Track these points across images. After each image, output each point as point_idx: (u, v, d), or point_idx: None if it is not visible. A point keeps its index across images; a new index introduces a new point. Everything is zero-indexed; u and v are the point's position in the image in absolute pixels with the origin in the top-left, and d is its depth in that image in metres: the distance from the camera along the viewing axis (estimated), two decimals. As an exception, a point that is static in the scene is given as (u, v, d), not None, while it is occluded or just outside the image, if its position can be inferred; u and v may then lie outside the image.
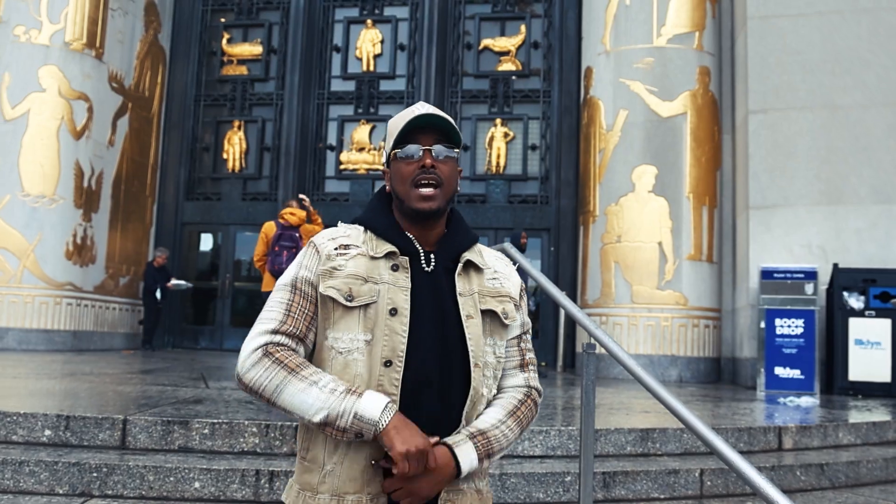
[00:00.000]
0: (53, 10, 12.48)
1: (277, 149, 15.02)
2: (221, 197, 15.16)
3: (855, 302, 9.42)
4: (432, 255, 1.83)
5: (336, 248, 1.80)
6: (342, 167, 14.98)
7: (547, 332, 13.47)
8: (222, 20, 15.69)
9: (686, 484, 4.50)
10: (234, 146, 15.20)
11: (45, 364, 9.10)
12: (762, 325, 9.65)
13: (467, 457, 1.68)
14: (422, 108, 1.83)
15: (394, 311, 1.73)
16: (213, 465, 4.07)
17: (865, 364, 9.30)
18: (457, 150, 1.86)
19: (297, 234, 8.88)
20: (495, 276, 1.89)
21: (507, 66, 14.80)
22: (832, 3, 10.42)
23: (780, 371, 9.53)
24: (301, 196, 9.07)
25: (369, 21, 15.20)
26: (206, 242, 15.67)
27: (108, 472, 4.01)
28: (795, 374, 9.47)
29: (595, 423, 5.11)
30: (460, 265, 1.83)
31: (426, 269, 1.81)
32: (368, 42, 15.21)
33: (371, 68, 15.16)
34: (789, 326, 9.55)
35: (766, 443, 5.28)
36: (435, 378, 1.74)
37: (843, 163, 10.13)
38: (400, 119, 1.83)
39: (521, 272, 4.06)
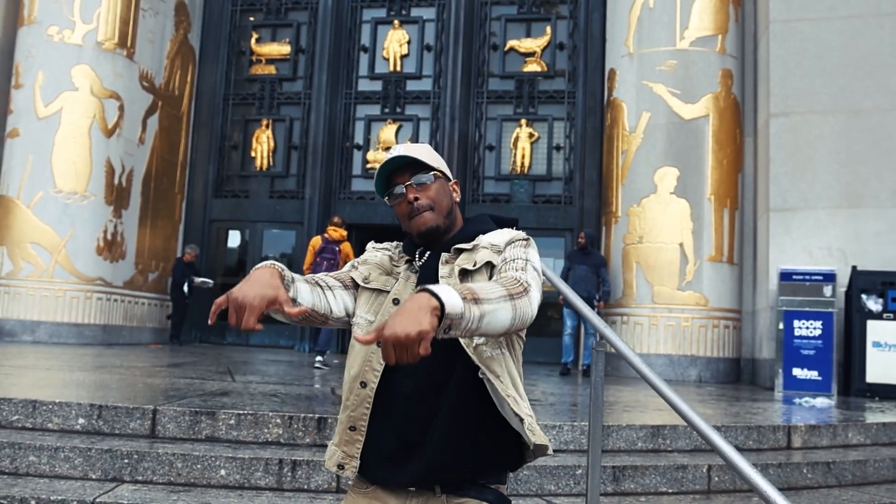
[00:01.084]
0: (86, 11, 12.76)
1: (305, 147, 15.23)
2: (249, 194, 15.40)
3: (873, 304, 9.47)
4: (427, 253, 2.12)
5: (376, 247, 2.24)
6: (369, 166, 15.16)
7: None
8: (251, 19, 15.93)
9: (694, 479, 4.63)
10: (262, 144, 15.43)
11: (76, 357, 9.36)
12: (780, 326, 9.73)
13: (446, 292, 1.63)
14: (393, 152, 2.13)
15: (396, 301, 2.05)
16: (238, 454, 4.26)
17: (883, 366, 9.35)
18: (435, 172, 2.12)
19: (338, 249, 9.93)
20: (482, 244, 2.08)
21: (532, 67, 14.92)
22: (854, 7, 10.46)
23: (797, 372, 9.60)
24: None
25: (396, 22, 15.37)
26: (234, 239, 15.94)
27: (138, 458, 4.21)
28: (813, 375, 9.54)
29: (607, 419, 5.27)
30: (445, 254, 2.09)
31: (418, 263, 2.12)
32: (395, 42, 15.37)
33: (398, 68, 15.33)
34: (807, 328, 9.62)
35: (776, 441, 5.40)
36: None
37: (864, 166, 10.18)
38: (380, 169, 2.13)
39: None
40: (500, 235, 2.09)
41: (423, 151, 2.13)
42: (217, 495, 4.04)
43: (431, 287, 1.64)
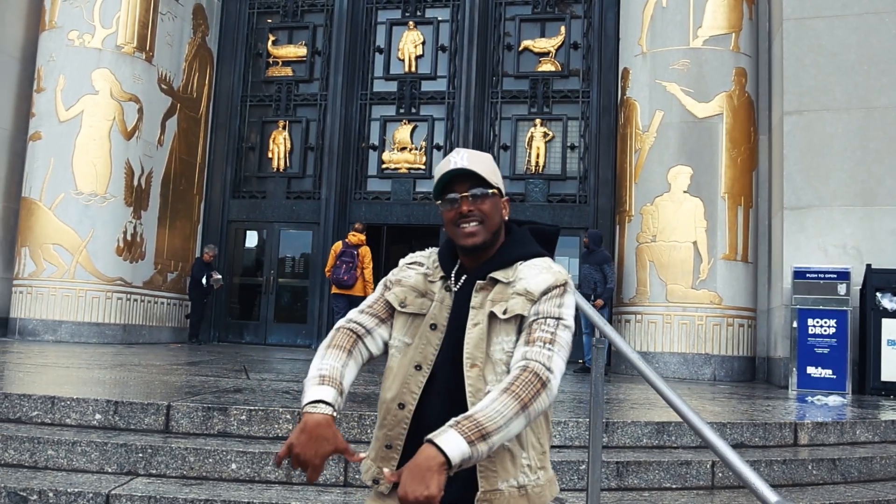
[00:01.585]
0: (106, 15, 12.93)
1: (321, 148, 15.34)
2: (266, 195, 15.54)
3: (888, 303, 9.45)
4: (464, 276, 2.11)
5: (409, 263, 2.20)
6: (384, 166, 15.26)
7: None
8: (268, 22, 16.06)
9: (698, 475, 4.68)
10: (279, 146, 15.56)
11: (96, 355, 9.51)
12: (794, 324, 9.73)
13: (452, 443, 1.68)
14: (457, 159, 2.10)
15: (434, 326, 2.07)
16: (248, 449, 4.36)
17: (897, 365, 9.34)
18: (493, 189, 2.12)
19: (356, 253, 10.65)
20: (519, 282, 2.04)
21: (546, 66, 14.95)
22: (868, 4, 10.43)
23: (812, 371, 9.60)
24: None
25: (411, 23, 15.45)
26: (252, 239, 16.07)
27: (152, 453, 4.32)
28: (827, 373, 9.54)
29: (614, 415, 5.33)
30: (480, 282, 2.07)
31: (454, 289, 2.10)
32: (410, 43, 15.45)
33: (413, 69, 15.41)
34: (822, 326, 9.62)
35: (782, 438, 5.43)
36: (446, 383, 2.01)
37: (879, 164, 10.15)
38: (439, 170, 2.11)
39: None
40: (538, 279, 2.03)
41: (485, 165, 2.11)
42: (228, 488, 4.14)
43: (438, 440, 1.69)
